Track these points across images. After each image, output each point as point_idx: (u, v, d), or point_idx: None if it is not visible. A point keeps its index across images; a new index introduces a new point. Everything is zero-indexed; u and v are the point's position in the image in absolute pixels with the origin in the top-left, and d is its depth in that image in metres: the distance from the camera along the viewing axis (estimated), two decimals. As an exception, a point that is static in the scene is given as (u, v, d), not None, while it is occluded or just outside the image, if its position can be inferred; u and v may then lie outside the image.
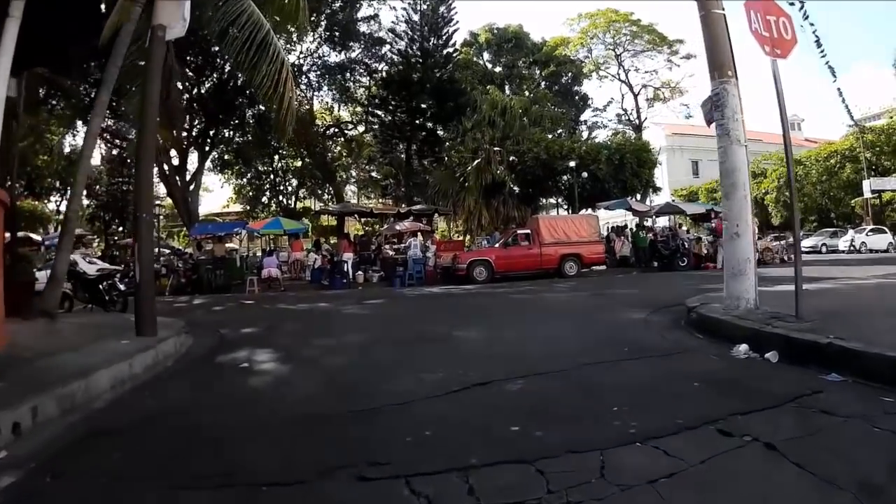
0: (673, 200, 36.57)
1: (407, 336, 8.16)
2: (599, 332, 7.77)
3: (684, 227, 29.64)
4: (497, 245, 22.52)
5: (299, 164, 41.12)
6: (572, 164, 28.36)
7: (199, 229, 28.40)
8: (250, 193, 42.62)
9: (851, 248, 33.98)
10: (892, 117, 44.17)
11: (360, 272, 23.50)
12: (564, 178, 30.14)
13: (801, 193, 43.28)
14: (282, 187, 42.95)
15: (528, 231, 22.25)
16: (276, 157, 40.52)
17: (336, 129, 42.53)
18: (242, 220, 33.80)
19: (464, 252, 24.02)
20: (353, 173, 43.29)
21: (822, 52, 20.71)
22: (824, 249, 35.06)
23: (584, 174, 28.93)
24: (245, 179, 42.14)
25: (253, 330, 9.79)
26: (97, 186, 41.96)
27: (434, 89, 36.67)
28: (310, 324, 10.63)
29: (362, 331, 9.08)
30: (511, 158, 30.86)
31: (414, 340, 7.69)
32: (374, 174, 43.10)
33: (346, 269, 22.91)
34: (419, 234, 27.11)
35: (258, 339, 8.67)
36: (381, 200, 40.99)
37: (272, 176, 41.70)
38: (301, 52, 36.00)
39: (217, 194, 65.01)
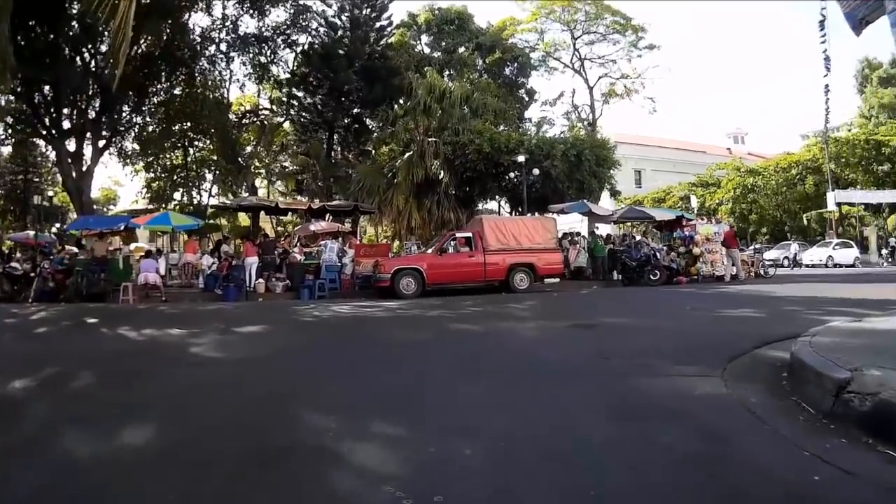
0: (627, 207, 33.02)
1: (248, 436, 3.73)
2: (672, 445, 3.41)
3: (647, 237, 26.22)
4: (430, 251, 18.20)
5: (216, 158, 35.65)
6: (521, 158, 24.14)
7: (79, 223, 24.20)
8: (167, 189, 36.92)
9: (793, 262, 33.43)
10: (850, 129, 42.82)
11: (260, 280, 18.96)
12: (511, 175, 25.85)
13: (755, 205, 41.50)
14: (195, 182, 37.39)
15: (470, 234, 18.06)
16: (192, 149, 35.16)
17: (253, 117, 37.31)
18: (128, 215, 28.43)
19: (388, 258, 19.53)
20: (267, 161, 37.37)
21: (822, 36, 17.55)
22: (786, 263, 32.90)
23: (536, 171, 24.72)
24: (154, 173, 36.52)
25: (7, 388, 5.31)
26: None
27: (363, 68, 31.76)
28: (107, 379, 5.95)
29: (173, 410, 4.51)
30: (445, 153, 26.61)
31: (252, 463, 3.22)
32: (286, 165, 37.42)
33: (244, 275, 18.51)
34: (340, 236, 22.65)
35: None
36: (297, 197, 35.48)
37: (185, 170, 36.07)
38: (217, 19, 30.84)
39: (131, 189, 58.76)
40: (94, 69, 26.99)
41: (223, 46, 31.23)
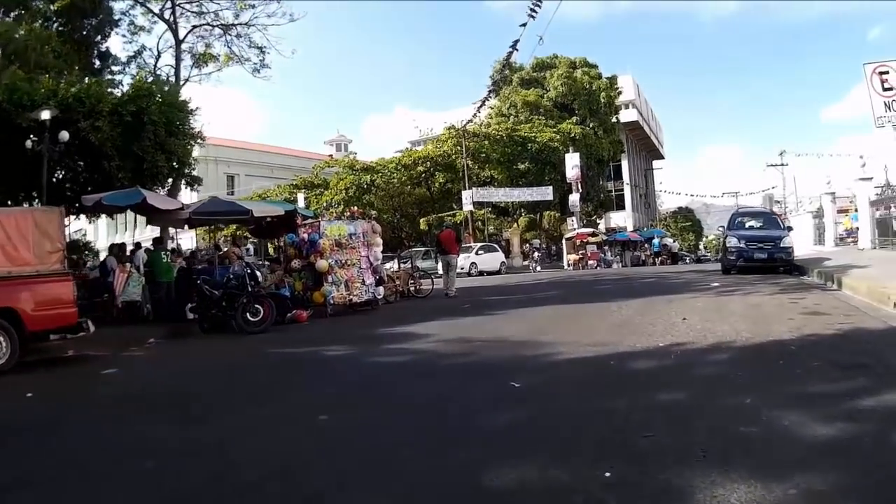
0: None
1: None
2: None
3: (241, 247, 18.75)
4: None
5: None
6: (46, 115, 14.08)
7: None
8: None
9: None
10: (480, 125, 41.32)
11: None
12: (28, 143, 15.42)
13: (371, 208, 37.64)
14: None
15: None
16: None
17: None
18: None
19: None
20: None
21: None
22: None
23: (65, 135, 14.77)
24: None
25: None
26: None
27: None
28: None
29: None
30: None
31: None
32: None
33: None
34: None
35: None
36: None
37: None
38: None
39: None
40: None
41: None
